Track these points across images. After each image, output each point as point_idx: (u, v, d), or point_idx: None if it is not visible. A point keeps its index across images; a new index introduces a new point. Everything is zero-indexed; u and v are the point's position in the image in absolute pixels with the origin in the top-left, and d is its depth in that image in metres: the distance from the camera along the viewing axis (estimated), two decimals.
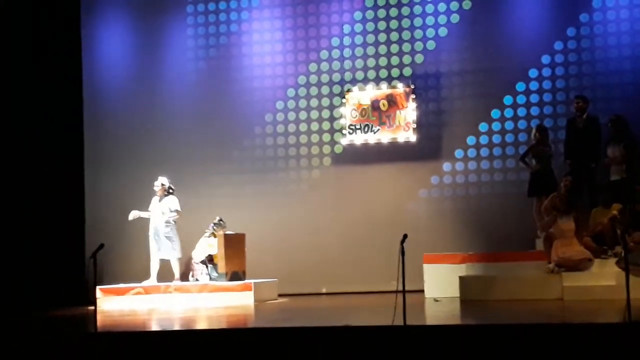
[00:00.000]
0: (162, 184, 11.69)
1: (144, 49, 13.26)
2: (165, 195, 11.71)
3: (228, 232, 11.48)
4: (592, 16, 11.85)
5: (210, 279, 11.44)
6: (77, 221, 12.77)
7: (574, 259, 9.59)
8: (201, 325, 8.72)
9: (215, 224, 11.74)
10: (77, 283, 11.86)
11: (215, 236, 11.59)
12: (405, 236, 6.96)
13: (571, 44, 11.89)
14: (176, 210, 11.61)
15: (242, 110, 12.92)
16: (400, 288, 6.84)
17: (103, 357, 7.20)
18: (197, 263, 11.67)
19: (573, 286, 9.34)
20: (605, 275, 9.32)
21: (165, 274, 11.65)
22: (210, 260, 11.57)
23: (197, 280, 11.57)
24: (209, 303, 10.74)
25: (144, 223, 11.77)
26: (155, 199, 11.72)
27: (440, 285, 10.34)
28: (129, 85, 13.25)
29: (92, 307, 8.07)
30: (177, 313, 9.82)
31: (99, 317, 7.88)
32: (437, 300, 9.90)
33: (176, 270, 11.58)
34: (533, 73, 11.96)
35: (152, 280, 11.49)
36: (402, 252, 6.88)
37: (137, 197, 12.24)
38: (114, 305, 11.02)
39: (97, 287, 10.22)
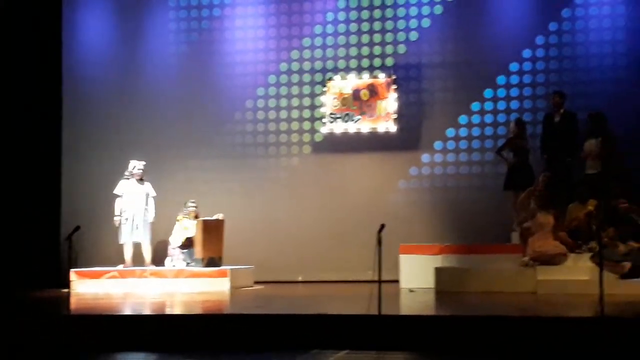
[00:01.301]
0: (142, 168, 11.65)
1: (124, 32, 13.14)
2: (141, 179, 11.65)
3: (207, 218, 11.41)
4: (574, 11, 11.90)
5: (187, 265, 11.40)
6: (53, 203, 12.67)
7: (549, 253, 9.66)
8: (176, 310, 8.69)
9: (189, 206, 11.69)
10: (52, 265, 11.81)
11: (194, 217, 11.52)
12: (382, 226, 6.97)
13: (552, 38, 11.94)
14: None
15: (223, 95, 12.86)
16: (376, 278, 6.86)
17: (76, 340, 7.16)
18: (174, 248, 11.61)
19: (547, 280, 9.41)
20: (579, 270, 9.39)
21: (136, 258, 11.58)
22: (187, 244, 11.51)
23: (174, 265, 11.53)
24: (185, 288, 10.70)
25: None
26: (131, 183, 11.62)
27: (416, 276, 10.39)
28: (109, 69, 13.12)
29: (67, 290, 8.03)
30: (152, 298, 9.78)
31: (72, 300, 7.86)
32: (412, 291, 9.94)
33: (149, 254, 11.54)
34: (514, 67, 12.00)
35: (128, 265, 11.44)
36: (379, 242, 6.89)
37: (115, 180, 12.12)
38: (89, 288, 10.96)
39: (72, 270, 10.22)
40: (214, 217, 11.41)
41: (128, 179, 11.65)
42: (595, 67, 11.76)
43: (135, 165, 11.67)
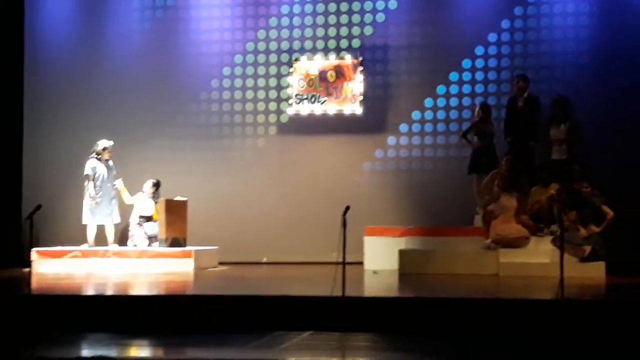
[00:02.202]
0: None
1: (88, 10, 12.91)
2: (108, 160, 11.53)
3: (170, 199, 11.35)
4: None
5: (149, 242, 11.35)
6: (13, 181, 12.49)
7: (511, 237, 9.77)
8: (139, 290, 8.65)
9: (153, 184, 11.64)
10: (13, 245, 11.66)
11: (151, 198, 11.49)
12: (347, 208, 7.00)
13: (518, 23, 12.00)
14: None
15: (188, 74, 12.73)
16: (341, 259, 6.89)
17: (37, 319, 7.09)
18: (133, 226, 11.56)
19: (509, 262, 9.53)
20: (540, 252, 9.53)
21: (99, 238, 11.49)
22: (146, 220, 11.48)
23: (135, 245, 11.46)
24: (148, 269, 10.63)
25: (82, 185, 11.53)
26: (99, 163, 11.45)
27: (380, 258, 10.46)
28: (71, 46, 12.90)
29: (28, 270, 7.94)
30: (114, 278, 9.71)
31: (34, 280, 7.77)
32: (376, 273, 10.00)
33: (112, 235, 11.45)
34: (479, 50, 12.05)
35: (91, 245, 11.32)
36: (344, 224, 6.91)
37: (77, 159, 12.00)
38: (50, 268, 10.83)
39: (33, 249, 10.10)
40: (177, 199, 11.35)
41: (97, 158, 11.48)
42: (559, 52, 11.85)
43: (105, 146, 11.49)
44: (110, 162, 11.57)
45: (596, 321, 6.45)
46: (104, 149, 11.47)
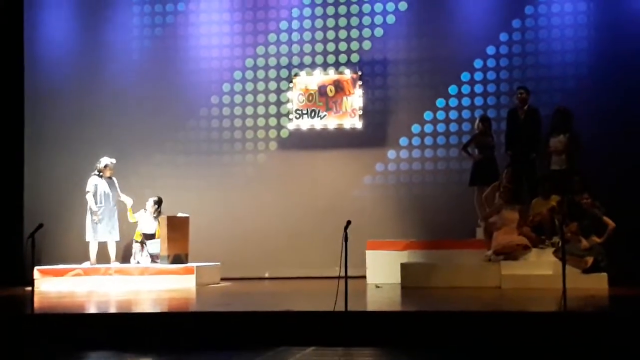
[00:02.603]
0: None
1: (88, 26, 12.98)
2: (111, 177, 11.53)
3: (171, 215, 11.35)
4: (537, 8, 12.03)
5: (150, 256, 11.33)
6: (15, 200, 12.50)
7: (512, 245, 9.75)
8: (141, 308, 8.63)
9: (155, 202, 11.63)
10: (15, 263, 11.66)
11: (153, 216, 11.49)
12: (348, 222, 7.00)
13: (516, 35, 12.05)
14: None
15: (188, 91, 12.78)
16: (343, 274, 6.89)
17: (40, 338, 7.09)
18: (137, 243, 11.55)
19: (511, 275, 9.52)
20: (542, 264, 9.51)
21: (101, 256, 11.47)
22: (149, 238, 11.47)
23: (137, 262, 11.45)
24: (150, 286, 10.63)
25: (84, 203, 11.53)
26: (101, 180, 11.45)
27: (382, 272, 10.44)
28: (72, 63, 12.96)
29: (30, 288, 7.94)
30: (117, 296, 9.71)
31: (36, 299, 7.76)
32: (379, 287, 9.98)
33: (114, 252, 11.44)
34: (478, 63, 12.10)
35: (93, 263, 11.31)
36: (346, 238, 6.92)
37: (78, 176, 12.02)
38: (53, 286, 10.83)
39: (35, 268, 10.10)
40: (179, 215, 11.35)
41: (99, 176, 11.48)
42: (558, 63, 11.89)
43: (107, 163, 11.50)
44: (113, 179, 11.57)
45: (599, 333, 6.44)
46: (105, 166, 11.48)
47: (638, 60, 11.34)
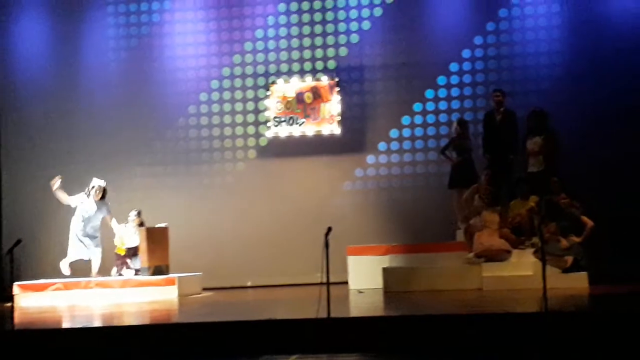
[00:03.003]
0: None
1: (62, 39, 12.93)
2: (101, 199, 11.39)
3: (151, 226, 11.28)
4: (511, 11, 12.13)
5: (135, 273, 11.25)
6: None
7: (494, 249, 9.80)
8: (123, 321, 8.58)
9: (136, 214, 11.52)
10: None
11: (139, 226, 11.39)
12: (329, 229, 7.01)
13: (490, 38, 12.14)
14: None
15: (165, 101, 12.75)
16: (325, 280, 6.88)
17: (21, 355, 7.02)
18: (120, 258, 11.43)
19: (492, 276, 9.56)
20: (523, 265, 9.56)
21: (76, 270, 11.35)
22: (131, 253, 11.36)
23: (120, 274, 11.37)
24: (132, 298, 10.56)
25: (62, 218, 11.45)
26: (88, 200, 11.29)
27: (364, 277, 10.45)
28: (47, 76, 12.91)
29: (10, 304, 7.87)
30: (98, 309, 9.64)
31: (16, 314, 7.69)
32: (361, 292, 9.99)
33: (97, 267, 11.35)
34: (454, 67, 12.17)
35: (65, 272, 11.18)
36: (327, 245, 6.92)
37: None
38: (33, 301, 10.73)
39: (15, 284, 10.00)
40: (157, 226, 11.27)
41: (88, 196, 11.33)
42: (533, 65, 12.00)
43: (94, 185, 11.32)
44: (105, 202, 11.38)
45: (581, 332, 6.48)
46: (93, 187, 11.32)
47: (612, 61, 11.46)
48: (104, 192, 11.39)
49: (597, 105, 11.40)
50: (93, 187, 11.34)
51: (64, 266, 11.24)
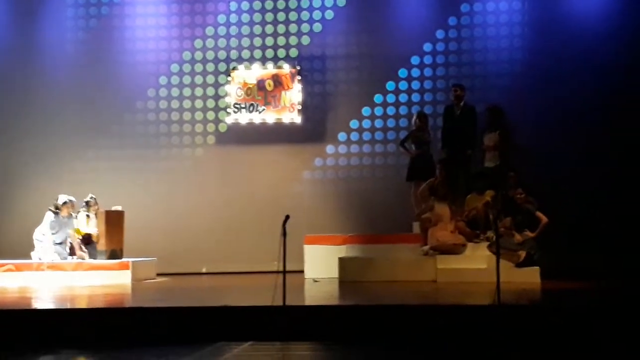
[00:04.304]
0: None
1: (18, 17, 12.69)
2: (70, 215, 11.09)
3: (109, 210, 11.11)
4: (473, 7, 12.22)
5: (90, 257, 11.06)
6: None
7: (449, 243, 9.90)
8: (75, 304, 8.47)
9: (86, 201, 11.27)
10: None
11: (88, 216, 11.17)
12: (287, 217, 7.00)
13: (452, 32, 12.22)
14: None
15: (123, 84, 12.59)
16: (281, 268, 6.88)
17: None
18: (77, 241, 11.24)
19: (446, 269, 9.65)
20: (477, 258, 9.67)
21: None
22: (87, 239, 11.17)
23: (76, 258, 11.17)
24: (85, 282, 10.42)
25: (14, 199, 11.24)
26: (58, 220, 10.91)
27: (320, 266, 10.48)
28: (4, 55, 12.67)
29: None
30: (50, 291, 9.50)
31: None
32: (316, 281, 10.02)
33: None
34: (415, 60, 12.23)
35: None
36: (284, 233, 6.92)
37: (9, 171, 11.74)
38: None
39: None
40: (113, 209, 11.12)
41: (55, 213, 10.98)
42: (493, 61, 12.11)
43: (65, 200, 10.98)
44: (73, 214, 11.07)
45: (532, 326, 6.58)
46: (64, 203, 10.99)
47: (571, 58, 11.61)
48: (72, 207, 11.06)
49: (555, 101, 11.56)
50: (64, 202, 10.95)
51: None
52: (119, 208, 11.17)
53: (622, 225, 10.77)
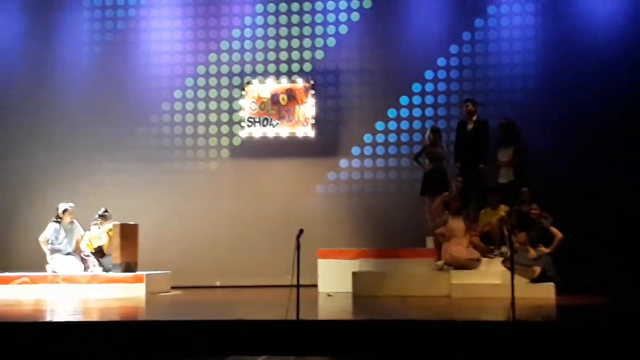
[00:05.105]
0: None
1: (36, 31, 12.79)
2: (72, 221, 11.24)
3: (124, 223, 11.15)
4: (487, 22, 12.24)
5: (104, 270, 11.10)
6: None
7: (463, 258, 9.87)
8: (89, 317, 8.49)
9: (100, 215, 11.33)
10: None
11: (99, 228, 11.24)
12: (301, 231, 7.00)
13: (466, 48, 12.24)
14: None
15: (138, 97, 12.67)
16: (295, 282, 6.88)
17: None
18: (88, 255, 11.27)
19: (460, 284, 9.62)
20: (491, 274, 9.64)
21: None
22: (100, 251, 11.23)
23: (91, 271, 11.21)
24: (99, 294, 10.45)
25: (29, 212, 11.31)
26: (60, 228, 11.10)
27: (334, 281, 10.46)
28: (20, 69, 12.76)
29: None
30: (64, 304, 9.53)
31: None
32: (330, 295, 10.00)
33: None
34: (429, 75, 12.24)
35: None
36: (298, 247, 6.92)
37: (24, 184, 11.82)
38: None
39: None
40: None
41: (57, 221, 11.14)
42: (507, 76, 12.11)
43: (66, 208, 11.14)
44: (75, 223, 11.23)
45: (547, 342, 6.54)
46: (65, 211, 11.14)
47: (584, 73, 11.60)
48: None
49: (568, 116, 11.54)
50: (65, 210, 11.12)
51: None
52: (131, 223, 11.18)
53: None
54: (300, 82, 12.41)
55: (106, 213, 11.30)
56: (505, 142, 10.93)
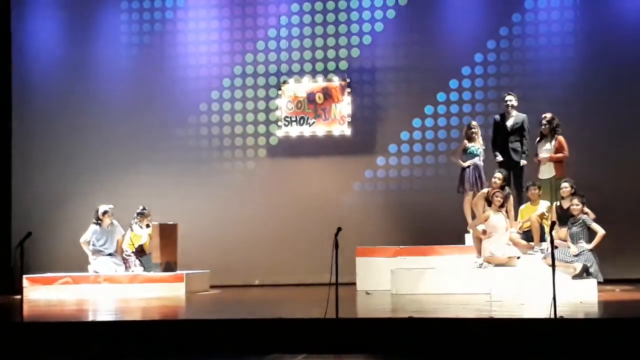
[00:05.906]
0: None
1: (75, 35, 12.98)
2: (112, 223, 11.38)
3: (163, 223, 11.26)
4: (525, 16, 12.11)
5: (145, 269, 11.23)
6: (3, 210, 12.44)
7: (503, 256, 9.78)
8: (130, 316, 8.60)
9: (138, 212, 11.47)
10: (4, 272, 11.59)
11: (141, 227, 11.37)
12: (339, 229, 7.00)
13: (503, 43, 12.12)
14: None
15: (176, 98, 12.78)
16: (333, 281, 6.89)
17: (29, 347, 7.04)
18: (130, 255, 11.41)
19: (500, 281, 9.52)
20: (532, 271, 9.53)
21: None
22: (140, 251, 11.37)
23: (132, 271, 11.35)
24: (140, 294, 10.58)
25: (71, 212, 11.47)
26: (100, 230, 11.25)
27: (372, 279, 10.43)
28: (59, 72, 12.96)
29: (19, 297, 7.90)
30: (106, 304, 9.66)
31: (25, 307, 7.72)
32: (369, 293, 9.98)
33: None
34: (466, 71, 12.16)
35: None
36: (336, 245, 6.92)
37: (66, 183, 12.01)
38: (41, 294, 10.77)
39: (24, 276, 10.04)
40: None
41: (98, 223, 11.29)
42: (544, 71, 11.97)
43: (105, 210, 11.27)
44: (115, 224, 11.38)
45: (590, 339, 6.46)
46: (105, 213, 11.28)
47: (624, 67, 11.43)
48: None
49: (610, 111, 11.38)
50: (105, 212, 11.26)
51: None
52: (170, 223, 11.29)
53: None
54: (336, 81, 12.41)
55: (144, 210, 11.44)
56: (545, 138, 10.78)
